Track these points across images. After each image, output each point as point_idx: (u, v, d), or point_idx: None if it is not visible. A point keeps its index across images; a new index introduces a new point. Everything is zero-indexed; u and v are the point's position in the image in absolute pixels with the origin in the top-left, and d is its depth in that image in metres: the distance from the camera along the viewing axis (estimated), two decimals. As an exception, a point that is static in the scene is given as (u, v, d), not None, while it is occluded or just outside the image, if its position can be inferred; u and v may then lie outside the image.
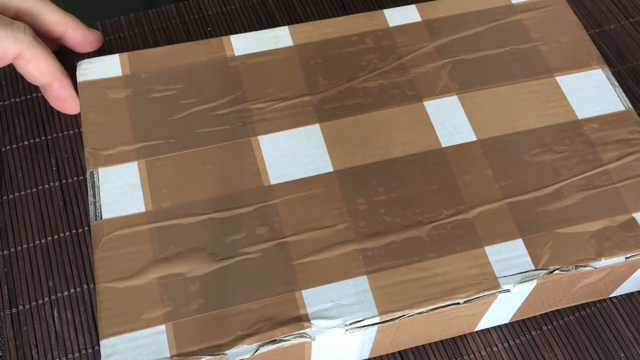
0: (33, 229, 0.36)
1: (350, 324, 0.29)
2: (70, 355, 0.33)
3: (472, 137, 0.34)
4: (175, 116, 0.34)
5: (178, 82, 0.36)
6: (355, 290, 0.30)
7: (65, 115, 0.39)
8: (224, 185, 0.32)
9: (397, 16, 0.38)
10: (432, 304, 0.29)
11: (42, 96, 0.40)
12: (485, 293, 0.30)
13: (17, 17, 0.36)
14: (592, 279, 0.32)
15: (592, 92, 0.36)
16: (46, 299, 0.35)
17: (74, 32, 0.38)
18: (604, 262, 0.31)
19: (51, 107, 0.39)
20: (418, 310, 0.29)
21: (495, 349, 0.35)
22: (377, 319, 0.29)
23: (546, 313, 0.35)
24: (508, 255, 0.31)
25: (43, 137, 0.39)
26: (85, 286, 0.35)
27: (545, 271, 0.30)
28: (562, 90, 0.36)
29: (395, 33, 0.38)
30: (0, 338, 0.33)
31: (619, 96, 0.36)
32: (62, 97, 0.37)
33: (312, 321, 0.29)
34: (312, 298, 0.29)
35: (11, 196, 0.37)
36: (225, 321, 0.29)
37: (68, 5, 0.39)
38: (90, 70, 0.36)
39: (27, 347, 0.33)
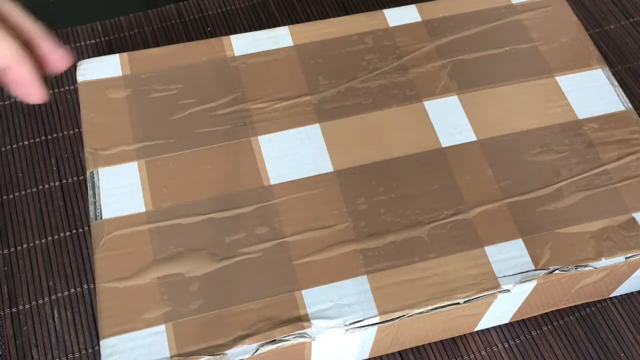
0: (33, 228, 0.36)
1: (350, 324, 0.29)
2: (70, 355, 0.33)
3: (472, 137, 0.34)
4: (175, 116, 0.34)
5: (178, 82, 0.36)
6: (355, 290, 0.30)
7: (65, 115, 0.39)
8: (224, 185, 0.32)
9: (397, 16, 0.38)
10: (432, 304, 0.29)
11: (42, 96, 0.40)
12: (485, 293, 0.30)
13: None
14: (592, 279, 0.32)
15: (592, 92, 0.36)
16: (46, 299, 0.35)
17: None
18: (604, 262, 0.31)
19: (51, 107, 0.39)
20: (418, 310, 0.29)
21: (495, 349, 0.35)
22: (377, 319, 0.29)
23: (546, 313, 0.35)
24: (508, 255, 0.31)
25: (43, 137, 0.39)
26: (85, 286, 0.35)
27: (545, 271, 0.30)
28: (562, 90, 0.36)
29: (395, 33, 0.38)
30: (0, 338, 0.33)
31: (619, 96, 0.36)
32: (22, 83, 0.33)
33: (312, 321, 0.29)
34: (312, 298, 0.29)
35: (11, 196, 0.37)
36: (225, 321, 0.29)
37: (68, 6, 0.39)
38: (90, 70, 0.36)
39: (27, 347, 0.33)
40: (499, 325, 0.35)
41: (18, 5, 0.34)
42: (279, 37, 0.37)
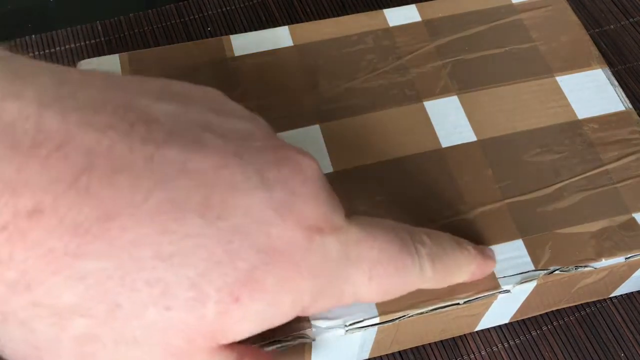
0: (33, 229, 0.36)
1: (350, 324, 0.29)
2: (70, 356, 0.33)
3: (472, 137, 0.34)
4: (175, 116, 0.34)
5: (178, 82, 0.35)
6: (355, 291, 0.30)
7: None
8: (224, 185, 0.32)
9: (397, 16, 0.38)
10: (432, 304, 0.29)
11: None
12: (485, 293, 0.30)
13: None
14: (592, 279, 0.32)
15: (592, 92, 0.36)
16: (46, 299, 0.35)
17: None
18: (604, 262, 0.31)
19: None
20: (418, 311, 0.29)
21: (495, 349, 0.35)
22: (377, 319, 0.29)
23: (546, 313, 0.35)
24: (508, 256, 0.31)
25: (43, 137, 0.39)
26: (85, 286, 0.35)
27: (545, 271, 0.30)
28: (562, 90, 0.36)
29: (395, 33, 0.38)
30: (1, 338, 0.33)
31: (619, 96, 0.36)
32: None
33: (312, 321, 0.29)
34: (312, 298, 0.29)
35: (11, 196, 0.37)
36: (225, 321, 0.29)
37: (68, 6, 0.39)
38: (90, 70, 0.36)
39: (27, 347, 0.33)
40: (499, 325, 0.35)
41: None
42: (279, 37, 0.37)
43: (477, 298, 0.30)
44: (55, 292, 0.18)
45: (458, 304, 0.30)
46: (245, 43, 0.37)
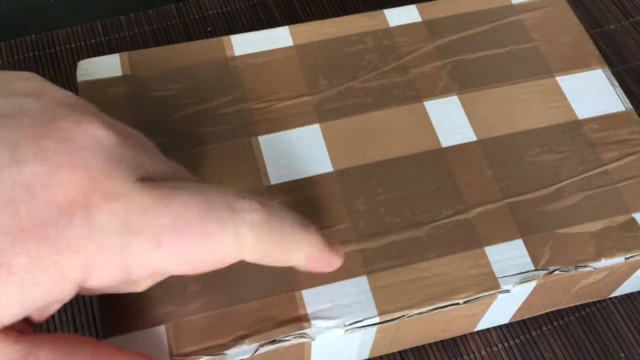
0: (33, 229, 0.36)
1: (350, 324, 0.29)
2: (70, 355, 0.33)
3: (472, 137, 0.34)
4: (175, 116, 0.34)
5: (178, 82, 0.36)
6: (355, 290, 0.30)
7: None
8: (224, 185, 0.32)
9: (397, 16, 0.38)
10: (432, 304, 0.29)
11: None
12: (485, 293, 0.30)
13: None
14: (592, 279, 0.32)
15: (592, 92, 0.36)
16: (46, 299, 0.35)
17: None
18: (603, 263, 0.31)
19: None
20: (418, 311, 0.29)
21: (495, 349, 0.35)
22: (376, 319, 0.29)
23: (546, 313, 0.35)
24: (508, 256, 0.31)
25: (43, 137, 0.39)
26: (85, 286, 0.35)
27: (545, 271, 0.30)
28: (562, 90, 0.36)
29: (395, 33, 0.38)
30: (0, 338, 0.33)
31: (619, 96, 0.36)
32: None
33: (312, 321, 0.29)
34: (312, 298, 0.29)
35: (11, 196, 0.37)
36: (225, 321, 0.29)
37: (68, 6, 0.39)
38: (90, 70, 0.36)
39: (27, 347, 0.33)
40: (499, 325, 0.35)
41: None
42: (279, 37, 0.37)
43: (477, 298, 0.30)
44: None
45: (458, 303, 0.30)
46: (245, 43, 0.37)
